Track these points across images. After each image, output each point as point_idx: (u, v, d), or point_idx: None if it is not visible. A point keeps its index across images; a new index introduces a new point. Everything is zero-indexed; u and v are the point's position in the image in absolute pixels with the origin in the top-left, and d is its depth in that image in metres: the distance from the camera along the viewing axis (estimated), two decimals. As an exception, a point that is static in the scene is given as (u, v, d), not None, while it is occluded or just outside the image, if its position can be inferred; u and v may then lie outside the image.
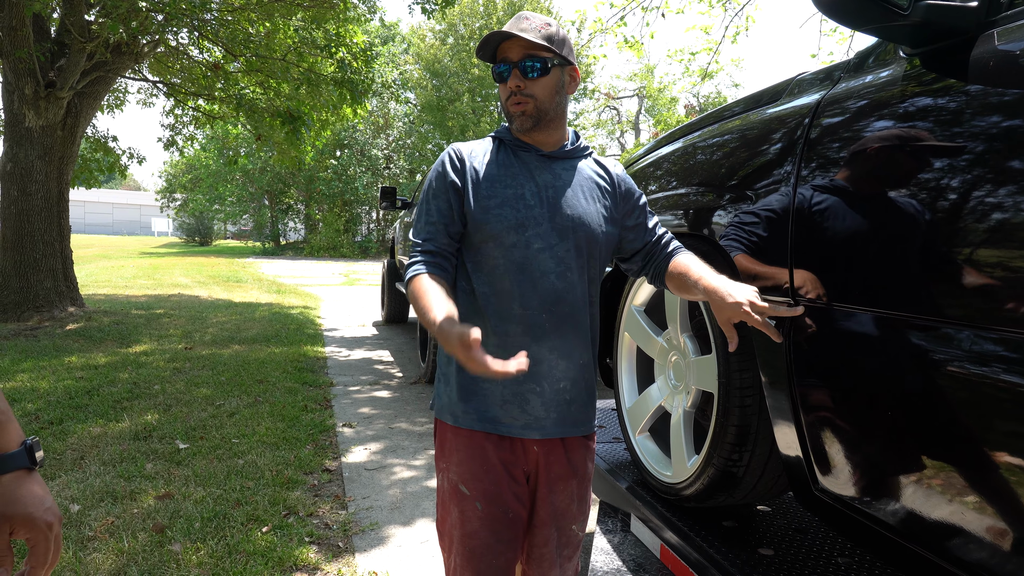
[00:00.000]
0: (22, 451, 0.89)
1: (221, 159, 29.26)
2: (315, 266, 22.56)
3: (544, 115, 1.49)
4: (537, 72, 1.46)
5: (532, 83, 1.47)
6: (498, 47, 1.49)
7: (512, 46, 1.47)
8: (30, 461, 0.90)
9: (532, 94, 1.47)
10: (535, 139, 1.54)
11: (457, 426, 1.51)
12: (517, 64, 1.46)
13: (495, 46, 1.49)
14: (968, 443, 1.04)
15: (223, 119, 10.97)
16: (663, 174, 2.11)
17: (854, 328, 1.22)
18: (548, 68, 1.47)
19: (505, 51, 1.48)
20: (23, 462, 0.89)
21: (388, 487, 3.62)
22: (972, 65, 1.06)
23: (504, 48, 1.48)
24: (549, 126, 1.52)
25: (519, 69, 1.46)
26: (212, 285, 14.04)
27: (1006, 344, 0.95)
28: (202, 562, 2.63)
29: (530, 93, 1.47)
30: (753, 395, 1.58)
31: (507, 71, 1.47)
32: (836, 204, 1.28)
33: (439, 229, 1.49)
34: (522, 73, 1.46)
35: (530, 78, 1.46)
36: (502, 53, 1.49)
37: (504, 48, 1.48)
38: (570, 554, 1.62)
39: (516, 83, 1.46)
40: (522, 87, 1.46)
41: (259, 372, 5.96)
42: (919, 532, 1.13)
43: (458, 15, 26.93)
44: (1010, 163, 0.95)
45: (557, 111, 1.52)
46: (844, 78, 1.42)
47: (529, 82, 1.46)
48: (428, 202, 1.52)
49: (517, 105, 1.47)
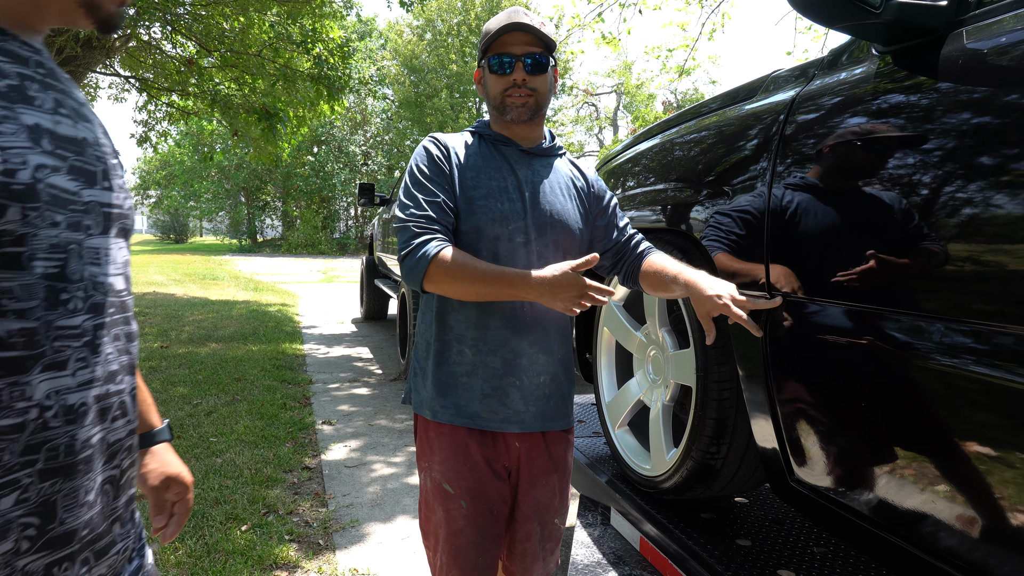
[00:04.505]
0: (166, 427, 1.15)
1: (196, 155, 28.82)
2: (293, 263, 22.36)
3: (540, 109, 1.52)
4: (540, 67, 1.48)
5: (534, 78, 1.48)
6: (496, 42, 1.49)
7: (514, 40, 1.48)
8: (171, 435, 1.16)
9: (535, 88, 1.49)
10: (517, 134, 1.54)
11: (437, 421, 1.51)
12: (520, 58, 1.47)
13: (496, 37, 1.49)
14: (939, 434, 1.06)
15: (197, 115, 10.81)
16: (641, 170, 2.12)
17: (829, 322, 1.25)
18: (548, 65, 1.50)
19: (507, 44, 1.48)
20: (167, 435, 1.15)
21: (368, 484, 3.61)
22: (942, 63, 1.08)
23: (505, 41, 1.48)
24: (539, 121, 1.55)
25: (523, 63, 1.47)
26: (188, 283, 13.87)
27: (976, 336, 0.97)
28: (180, 562, 2.61)
29: (533, 87, 1.49)
30: (730, 388, 1.60)
31: (511, 63, 1.48)
32: (811, 199, 1.30)
33: (441, 207, 1.44)
34: (526, 67, 1.47)
35: (533, 73, 1.48)
36: (502, 46, 1.48)
37: (505, 41, 1.48)
38: (552, 548, 1.63)
39: (521, 76, 1.47)
40: (526, 80, 1.48)
41: (237, 370, 5.91)
42: (892, 521, 1.16)
43: (436, 10, 26.78)
44: (979, 159, 0.98)
45: (547, 106, 1.55)
46: (818, 75, 1.44)
47: (532, 76, 1.48)
48: (423, 183, 1.46)
49: (519, 98, 1.48)
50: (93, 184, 0.78)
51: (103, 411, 0.78)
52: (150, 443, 1.11)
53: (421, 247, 1.38)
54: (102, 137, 0.83)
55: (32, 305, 0.69)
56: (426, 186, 1.46)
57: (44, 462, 0.71)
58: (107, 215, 0.80)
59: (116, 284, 0.81)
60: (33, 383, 0.70)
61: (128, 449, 0.83)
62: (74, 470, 0.73)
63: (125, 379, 0.83)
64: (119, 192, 0.83)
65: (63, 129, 0.75)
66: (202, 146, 15.73)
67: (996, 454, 0.96)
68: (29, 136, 0.70)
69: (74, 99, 0.80)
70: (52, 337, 0.71)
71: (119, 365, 0.81)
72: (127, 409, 0.83)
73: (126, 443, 0.83)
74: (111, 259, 0.81)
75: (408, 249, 1.40)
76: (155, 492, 1.10)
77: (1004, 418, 0.95)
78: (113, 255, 0.81)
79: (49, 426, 0.71)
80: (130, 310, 0.86)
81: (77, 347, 0.74)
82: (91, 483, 0.75)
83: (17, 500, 0.69)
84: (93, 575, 0.77)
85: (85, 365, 0.75)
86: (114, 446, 0.80)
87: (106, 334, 0.78)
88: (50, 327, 0.71)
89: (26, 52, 0.75)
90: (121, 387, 0.82)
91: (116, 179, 0.83)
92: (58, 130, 0.74)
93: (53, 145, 0.73)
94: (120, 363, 0.82)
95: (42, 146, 0.71)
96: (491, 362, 1.48)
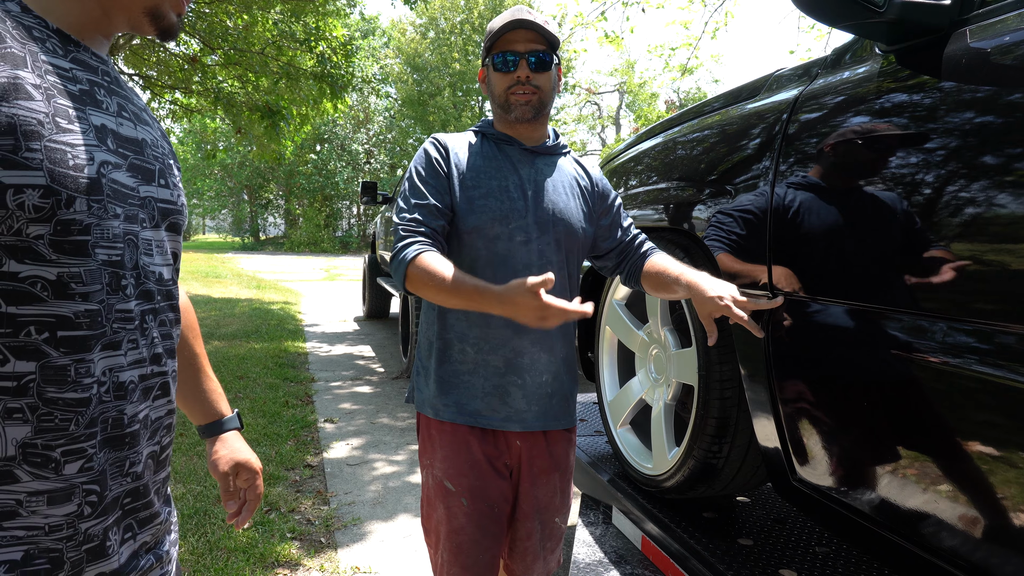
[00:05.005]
0: (235, 415, 1.22)
1: (199, 153, 28.91)
2: (295, 261, 22.37)
3: (544, 107, 1.52)
4: (544, 65, 1.48)
5: (538, 75, 1.48)
6: (500, 40, 1.50)
7: (518, 38, 1.48)
8: (240, 423, 1.22)
9: (539, 85, 1.49)
10: (520, 133, 1.54)
11: (439, 420, 1.51)
12: (525, 55, 1.47)
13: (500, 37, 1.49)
14: (942, 433, 1.06)
15: (201, 113, 10.82)
16: (644, 169, 2.12)
17: (831, 321, 1.24)
18: (552, 63, 1.50)
19: (511, 42, 1.48)
20: (237, 423, 1.21)
21: (370, 482, 3.62)
22: (945, 62, 1.08)
23: (509, 39, 1.48)
24: (542, 119, 1.54)
25: (527, 61, 1.47)
26: (191, 281, 13.88)
27: (979, 336, 0.97)
28: (183, 559, 2.61)
29: (537, 84, 1.49)
30: (733, 387, 1.60)
31: (515, 61, 1.48)
32: (813, 199, 1.30)
33: (431, 211, 1.45)
34: (530, 64, 1.47)
35: (537, 70, 1.48)
36: (506, 44, 1.49)
37: (509, 39, 1.48)
38: (553, 547, 1.63)
39: (525, 73, 1.47)
40: (530, 77, 1.48)
41: (239, 368, 5.92)
42: (894, 521, 1.16)
43: (439, 9, 26.77)
44: (983, 158, 0.97)
45: (551, 104, 1.55)
46: (821, 74, 1.44)
47: (536, 74, 1.48)
48: (416, 186, 1.48)
49: (523, 95, 1.48)
50: (150, 181, 0.85)
51: (147, 390, 0.84)
52: (220, 431, 1.19)
53: (402, 250, 1.39)
54: (160, 140, 0.91)
55: (95, 289, 0.76)
56: (419, 189, 1.47)
57: (102, 433, 0.77)
58: (161, 210, 0.87)
59: (164, 274, 0.88)
60: (96, 360, 0.76)
61: (167, 427, 0.89)
62: (125, 443, 0.80)
63: (168, 362, 0.89)
64: (173, 190, 0.90)
65: (125, 131, 0.82)
66: (205, 144, 15.78)
67: (999, 454, 0.96)
68: (96, 135, 0.77)
69: (135, 104, 0.88)
70: (112, 320, 0.78)
71: (163, 348, 0.87)
72: (168, 389, 0.88)
73: (165, 421, 0.88)
74: (161, 251, 0.87)
75: (393, 252, 1.42)
76: (225, 478, 1.17)
77: (1007, 418, 0.94)
78: (163, 247, 0.88)
79: (104, 400, 0.77)
80: (176, 298, 0.92)
81: (130, 329, 0.81)
82: (138, 456, 0.82)
83: (82, 468, 0.75)
84: (138, 541, 0.84)
85: (135, 347, 0.82)
86: (155, 423, 0.86)
87: (153, 319, 0.85)
88: (111, 310, 0.78)
89: (94, 62, 0.82)
90: (164, 369, 0.88)
91: (171, 178, 0.91)
92: (120, 131, 0.82)
93: (116, 144, 0.80)
94: (164, 347, 0.88)
95: (107, 145, 0.78)
96: (492, 361, 1.48)
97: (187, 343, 1.15)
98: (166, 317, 0.89)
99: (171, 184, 0.90)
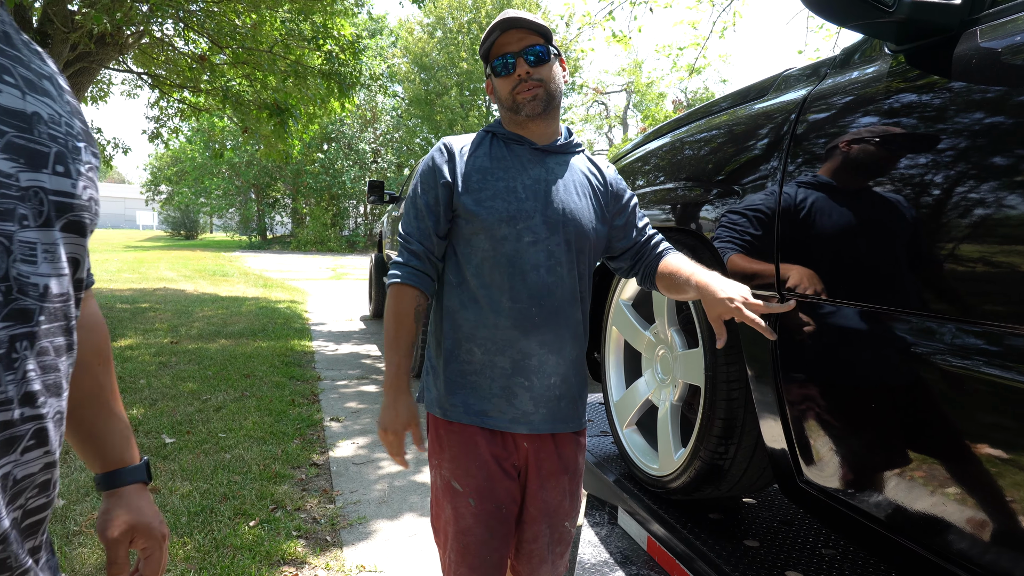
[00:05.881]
0: (143, 465, 0.98)
1: (207, 152, 29.00)
2: (302, 260, 22.43)
3: (553, 99, 1.52)
4: (542, 58, 1.49)
5: (538, 69, 1.49)
6: (494, 47, 1.50)
7: (510, 40, 1.48)
8: (147, 476, 0.99)
9: (541, 78, 1.49)
10: (532, 131, 1.54)
11: (447, 420, 1.51)
12: (520, 54, 1.48)
13: (492, 44, 1.50)
14: (950, 435, 1.05)
15: (209, 111, 10.87)
16: (651, 169, 2.12)
17: (839, 322, 1.24)
18: (550, 55, 1.50)
19: (504, 44, 1.49)
20: (142, 476, 0.98)
21: (375, 481, 3.62)
22: (955, 62, 1.07)
23: (502, 43, 1.49)
24: (553, 114, 1.54)
25: (524, 58, 1.48)
26: (198, 279, 13.94)
27: (988, 338, 0.97)
28: (189, 556, 2.62)
29: (539, 77, 1.49)
30: (739, 388, 1.60)
31: (513, 61, 1.48)
32: (822, 199, 1.29)
33: (426, 227, 1.50)
34: (528, 60, 1.48)
35: (536, 64, 1.48)
36: (501, 48, 1.50)
37: (502, 43, 1.49)
38: (562, 551, 1.62)
39: (525, 70, 1.48)
40: (531, 73, 1.48)
41: (246, 366, 5.94)
42: (901, 523, 1.15)
43: (446, 8, 26.81)
44: (993, 158, 0.97)
45: (560, 98, 1.55)
46: (830, 74, 1.43)
47: (535, 68, 1.48)
48: (416, 198, 1.52)
49: (528, 91, 1.49)
50: (39, 167, 0.65)
51: (10, 440, 0.62)
52: (118, 483, 0.95)
53: (393, 267, 1.52)
54: (66, 116, 0.71)
55: None
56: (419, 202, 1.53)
57: None
58: (54, 204, 0.67)
59: (53, 287, 0.67)
60: None
61: (41, 486, 0.68)
62: None
63: (48, 401, 0.67)
64: (77, 179, 0.71)
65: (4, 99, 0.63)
66: (213, 143, 15.84)
67: (1008, 456, 0.95)
68: None
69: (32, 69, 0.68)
70: None
71: (42, 384, 0.66)
72: (46, 438, 0.67)
73: (39, 479, 0.67)
74: (51, 257, 0.67)
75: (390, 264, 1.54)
76: (115, 545, 0.92)
77: (1017, 421, 0.94)
78: (55, 252, 0.67)
79: None
80: (70, 319, 0.71)
81: None
82: None
83: None
84: None
85: None
86: (22, 482, 0.64)
87: (29, 347, 0.64)
88: None
89: None
90: (40, 411, 0.66)
91: (74, 164, 0.70)
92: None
93: None
94: (45, 381, 0.67)
95: None
96: (499, 362, 1.48)
97: (90, 372, 0.93)
98: (51, 343, 0.67)
99: (73, 172, 0.70)
